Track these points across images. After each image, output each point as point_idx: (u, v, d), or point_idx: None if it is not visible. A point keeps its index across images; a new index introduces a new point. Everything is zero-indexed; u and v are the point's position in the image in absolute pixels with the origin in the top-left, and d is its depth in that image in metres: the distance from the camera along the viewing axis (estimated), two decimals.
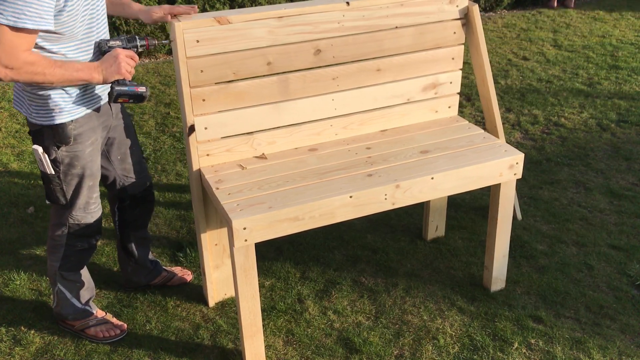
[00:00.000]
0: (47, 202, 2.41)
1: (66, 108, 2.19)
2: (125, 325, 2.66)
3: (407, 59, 2.77)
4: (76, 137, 2.26)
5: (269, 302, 2.82)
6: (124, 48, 2.22)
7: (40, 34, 2.02)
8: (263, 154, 2.66)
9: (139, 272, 2.83)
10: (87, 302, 2.62)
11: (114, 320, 2.66)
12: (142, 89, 2.22)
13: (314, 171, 2.52)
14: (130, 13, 2.44)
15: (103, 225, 3.37)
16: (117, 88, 2.18)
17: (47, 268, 2.64)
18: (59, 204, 2.39)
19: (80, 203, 2.41)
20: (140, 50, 2.29)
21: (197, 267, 3.04)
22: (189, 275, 2.94)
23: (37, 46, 2.05)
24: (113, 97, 2.20)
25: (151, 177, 2.67)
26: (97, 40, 2.21)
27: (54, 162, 2.28)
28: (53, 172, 2.30)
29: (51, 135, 2.22)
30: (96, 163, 2.39)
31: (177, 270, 2.94)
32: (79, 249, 2.50)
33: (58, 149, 2.25)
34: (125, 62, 2.16)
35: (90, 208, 2.44)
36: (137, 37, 2.28)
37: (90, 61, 2.18)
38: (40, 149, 2.24)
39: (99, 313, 2.65)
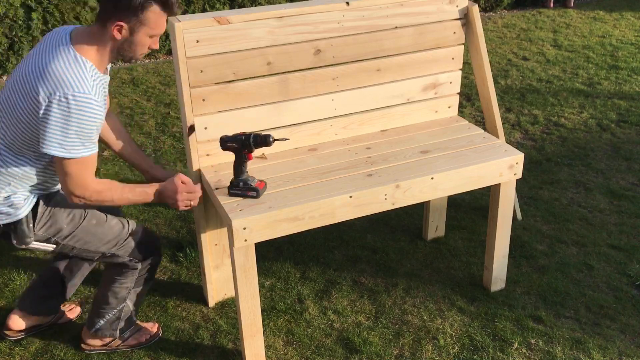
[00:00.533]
0: (105, 266, 2.35)
1: (25, 203, 2.19)
2: (157, 324, 2.64)
3: (407, 59, 2.77)
4: (40, 209, 2.23)
5: (269, 302, 2.82)
6: (239, 148, 2.30)
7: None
8: (263, 154, 2.65)
9: (50, 301, 2.61)
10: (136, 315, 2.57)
11: (144, 323, 2.62)
12: (252, 194, 2.33)
13: (314, 171, 2.52)
14: (147, 166, 2.52)
15: None
16: (231, 191, 2.33)
17: (107, 289, 2.43)
18: (98, 257, 2.32)
19: (108, 240, 2.30)
20: (253, 149, 2.31)
21: (197, 267, 3.04)
22: (73, 313, 2.74)
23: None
24: (228, 193, 2.36)
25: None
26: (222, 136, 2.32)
27: (45, 241, 2.24)
28: (54, 246, 2.26)
29: (14, 231, 2.20)
30: (77, 209, 2.29)
31: (66, 307, 2.75)
32: (150, 263, 2.42)
33: (35, 232, 2.21)
34: (182, 200, 2.29)
35: (123, 232, 2.32)
36: (252, 137, 2.27)
37: None
38: (24, 244, 2.22)
39: None
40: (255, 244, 3.14)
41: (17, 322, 2.57)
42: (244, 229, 2.21)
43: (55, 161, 2.07)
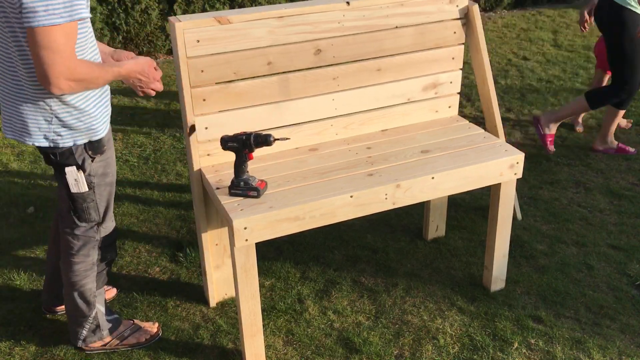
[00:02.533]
0: (74, 226, 2.26)
1: (103, 119, 2.13)
2: (158, 323, 2.64)
3: (408, 59, 2.77)
4: (107, 142, 2.20)
5: (269, 302, 2.82)
6: (240, 148, 2.28)
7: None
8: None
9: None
10: (111, 310, 2.55)
11: (144, 323, 2.62)
12: (253, 193, 2.32)
13: (314, 171, 2.52)
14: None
15: None
16: (232, 191, 2.33)
17: (70, 299, 2.41)
18: (91, 222, 2.28)
19: (110, 213, 2.34)
20: (254, 148, 2.30)
21: (197, 267, 3.04)
22: (110, 293, 2.80)
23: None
24: (229, 193, 2.34)
25: None
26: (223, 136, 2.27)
27: (89, 177, 2.18)
28: (88, 189, 2.20)
29: (83, 150, 2.13)
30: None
31: None
32: (108, 259, 2.41)
33: (92, 161, 2.17)
34: (152, 74, 2.18)
35: (111, 213, 2.36)
36: (252, 137, 2.26)
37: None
38: (73, 169, 2.14)
39: (126, 321, 2.61)
40: (256, 243, 3.14)
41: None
42: (245, 228, 2.21)
43: (36, 37, 1.79)
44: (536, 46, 6.13)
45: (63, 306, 2.68)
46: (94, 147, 2.16)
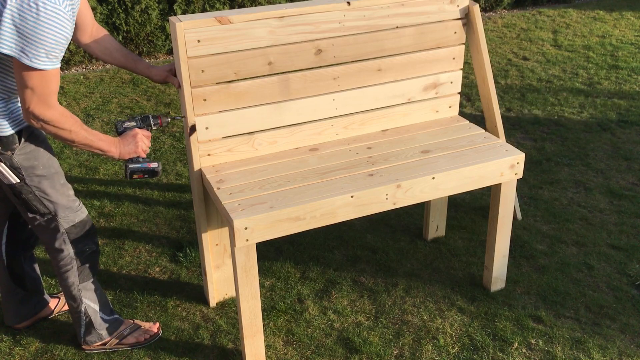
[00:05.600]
0: (32, 220, 2.28)
1: (8, 117, 2.15)
2: (158, 323, 2.64)
3: (408, 59, 2.77)
4: (28, 138, 2.20)
5: (269, 302, 2.82)
6: (139, 128, 2.32)
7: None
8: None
9: (31, 299, 2.64)
10: (112, 311, 2.56)
11: (144, 323, 2.62)
12: (154, 165, 2.32)
13: (315, 171, 2.52)
14: (141, 70, 2.49)
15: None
16: (131, 166, 2.29)
17: (64, 292, 2.46)
18: (43, 213, 2.28)
19: (62, 202, 2.30)
20: (154, 128, 2.34)
21: (197, 267, 3.04)
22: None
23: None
24: (128, 174, 2.30)
25: None
26: (115, 122, 2.25)
27: (14, 169, 2.20)
28: (18, 180, 2.21)
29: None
30: (56, 160, 2.30)
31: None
32: (88, 252, 2.40)
33: (12, 154, 2.18)
34: (142, 141, 2.28)
35: (75, 205, 2.34)
36: (150, 116, 2.36)
37: None
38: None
39: (127, 320, 2.61)
40: (256, 243, 3.15)
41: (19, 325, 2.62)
42: (246, 228, 2.21)
43: (17, 72, 1.97)
44: (536, 46, 6.13)
45: (26, 323, 2.66)
46: (3, 143, 2.16)
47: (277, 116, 2.62)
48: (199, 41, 2.35)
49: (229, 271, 2.76)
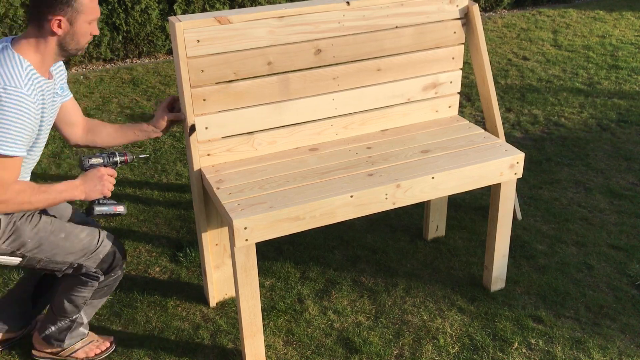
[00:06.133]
0: (61, 274, 2.25)
1: None
2: (112, 338, 2.57)
3: (408, 59, 2.77)
4: (15, 225, 2.16)
5: (269, 302, 2.82)
6: (104, 165, 2.29)
7: None
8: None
9: (23, 317, 2.56)
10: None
11: (99, 337, 2.56)
12: (120, 209, 2.29)
13: (314, 171, 2.52)
14: (146, 131, 2.46)
15: (105, 222, 3.37)
16: (97, 209, 2.25)
17: (59, 297, 2.38)
18: (66, 267, 2.24)
19: (77, 251, 2.22)
20: (119, 165, 2.36)
21: (197, 267, 3.04)
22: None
23: None
24: (93, 215, 2.25)
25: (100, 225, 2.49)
26: (80, 157, 2.23)
27: (9, 255, 2.16)
28: (20, 259, 2.17)
29: None
30: (44, 221, 2.20)
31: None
32: (113, 277, 2.35)
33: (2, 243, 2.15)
34: (108, 181, 2.24)
35: (93, 244, 2.26)
36: (116, 152, 2.34)
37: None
38: None
39: (90, 334, 2.55)
40: (256, 243, 3.15)
41: None
42: (245, 228, 2.21)
43: None
44: (536, 46, 6.13)
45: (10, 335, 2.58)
46: None
47: (277, 116, 2.62)
48: (198, 41, 2.35)
49: (229, 271, 2.76)
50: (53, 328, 2.43)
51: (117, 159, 2.33)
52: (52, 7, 1.98)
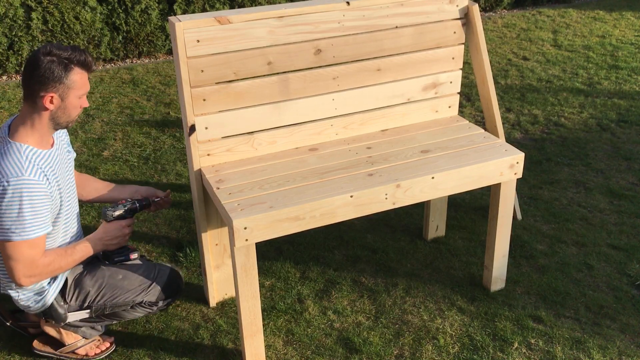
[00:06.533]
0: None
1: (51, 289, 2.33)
2: (112, 338, 2.59)
3: (408, 59, 2.77)
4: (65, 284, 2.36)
5: (269, 302, 2.82)
6: (124, 217, 2.44)
7: None
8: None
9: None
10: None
11: (98, 336, 2.57)
12: (134, 256, 2.47)
13: (314, 171, 2.52)
14: (129, 192, 2.60)
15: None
16: (116, 258, 2.44)
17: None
18: (129, 307, 2.40)
19: (132, 290, 2.40)
20: (139, 211, 2.52)
21: (197, 267, 3.04)
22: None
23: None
24: (113, 262, 2.44)
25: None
26: (103, 209, 2.45)
27: (77, 311, 2.35)
28: (88, 311, 2.36)
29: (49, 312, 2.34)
30: (100, 269, 2.39)
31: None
32: (166, 304, 2.51)
33: (68, 306, 2.35)
34: (127, 234, 2.41)
35: (146, 284, 2.42)
36: (136, 202, 2.49)
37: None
38: (63, 322, 2.36)
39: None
40: (256, 243, 3.15)
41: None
42: (245, 228, 2.21)
43: (2, 248, 2.14)
44: (536, 46, 6.13)
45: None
46: (55, 312, 2.34)
47: (277, 116, 2.62)
48: (198, 41, 2.35)
49: (229, 271, 2.76)
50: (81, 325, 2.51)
51: (137, 207, 2.49)
52: (44, 84, 2.10)
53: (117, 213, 2.42)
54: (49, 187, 2.16)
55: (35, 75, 2.09)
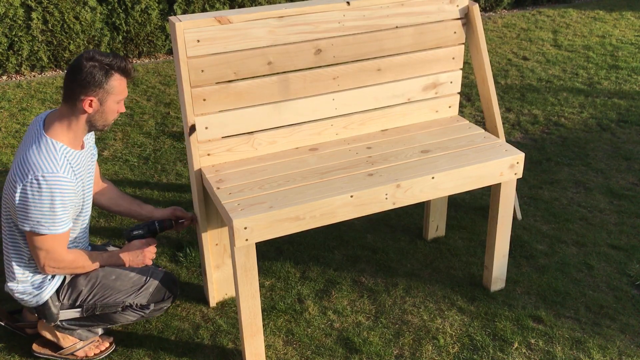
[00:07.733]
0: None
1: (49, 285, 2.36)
2: (112, 338, 2.59)
3: (408, 59, 2.77)
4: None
5: (269, 302, 2.82)
6: (144, 237, 2.51)
7: None
8: None
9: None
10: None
11: (98, 336, 2.57)
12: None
13: (314, 171, 2.52)
14: (147, 213, 2.63)
15: (106, 224, 3.37)
16: (134, 233, 2.52)
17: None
18: (120, 308, 2.41)
19: (126, 290, 2.40)
20: (160, 233, 2.58)
21: (197, 267, 3.04)
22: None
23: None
24: None
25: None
26: (124, 229, 2.56)
27: (69, 309, 2.37)
28: (79, 309, 2.38)
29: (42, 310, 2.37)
30: (96, 266, 2.41)
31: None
32: (159, 308, 2.50)
33: (60, 304, 2.37)
34: (149, 251, 2.45)
35: (140, 282, 2.43)
36: (156, 223, 2.55)
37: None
38: (54, 322, 2.38)
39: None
40: (256, 243, 3.15)
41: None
42: (245, 228, 2.21)
43: (30, 237, 2.20)
44: (536, 46, 6.13)
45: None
46: (48, 311, 2.37)
47: (277, 116, 2.62)
48: (198, 41, 2.35)
49: (229, 271, 2.76)
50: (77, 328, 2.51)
51: (157, 229, 2.54)
52: (85, 88, 2.16)
53: (135, 233, 2.50)
54: (77, 186, 2.23)
55: (77, 79, 2.14)
